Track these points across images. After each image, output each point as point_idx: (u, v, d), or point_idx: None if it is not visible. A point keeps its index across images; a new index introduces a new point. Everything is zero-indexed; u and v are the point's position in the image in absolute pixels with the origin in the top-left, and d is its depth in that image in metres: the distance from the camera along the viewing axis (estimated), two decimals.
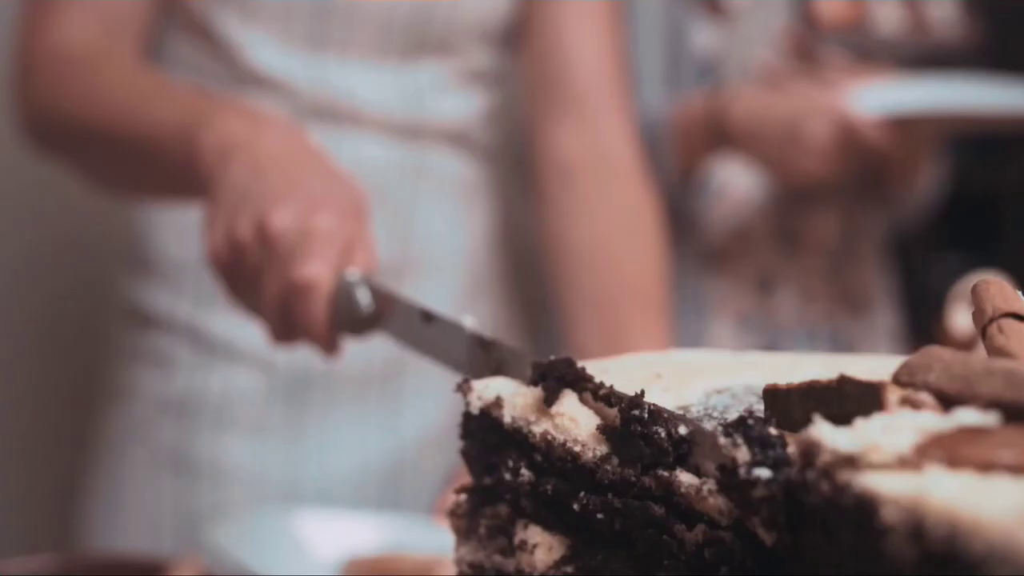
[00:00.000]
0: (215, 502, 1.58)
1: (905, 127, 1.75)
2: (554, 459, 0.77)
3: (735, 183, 1.89)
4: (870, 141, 1.72)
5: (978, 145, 2.85)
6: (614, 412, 0.75)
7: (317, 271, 1.08)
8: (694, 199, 1.90)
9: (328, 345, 1.14)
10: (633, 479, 0.72)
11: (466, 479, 0.87)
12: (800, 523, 0.61)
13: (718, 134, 1.80)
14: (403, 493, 1.63)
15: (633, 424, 0.72)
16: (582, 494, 0.75)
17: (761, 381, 0.73)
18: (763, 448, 0.64)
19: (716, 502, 0.67)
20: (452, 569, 0.87)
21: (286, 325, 1.13)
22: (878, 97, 1.74)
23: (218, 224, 1.16)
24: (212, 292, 1.47)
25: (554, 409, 0.77)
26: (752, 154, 1.81)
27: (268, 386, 1.63)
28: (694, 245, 1.90)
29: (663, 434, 0.71)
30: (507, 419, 0.79)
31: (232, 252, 1.14)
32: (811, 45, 1.92)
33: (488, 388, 0.82)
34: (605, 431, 0.74)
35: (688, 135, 1.84)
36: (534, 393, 0.80)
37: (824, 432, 0.58)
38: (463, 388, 0.83)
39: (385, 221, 1.66)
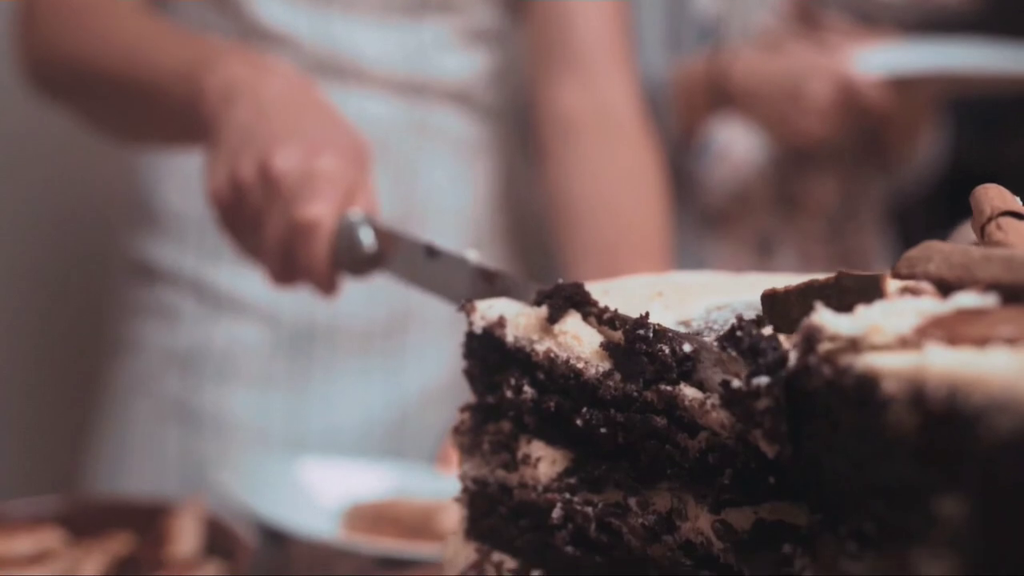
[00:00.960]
0: (219, 453, 1.59)
1: (905, 87, 1.76)
2: (556, 376, 0.78)
3: (736, 146, 1.90)
4: (870, 101, 1.73)
5: (980, 122, 2.86)
6: (619, 333, 0.76)
7: (320, 211, 1.09)
8: (695, 161, 1.90)
9: (328, 285, 1.15)
10: (635, 394, 0.73)
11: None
12: (802, 413, 0.62)
13: (719, 95, 1.81)
14: (406, 445, 1.65)
15: (638, 343, 0.73)
16: (585, 409, 0.76)
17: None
18: (755, 355, 0.65)
19: (719, 416, 0.68)
20: (453, 514, 0.88)
21: (287, 266, 1.14)
22: (879, 58, 1.75)
23: (220, 165, 1.17)
24: (217, 245, 1.49)
25: (557, 328, 0.79)
26: (753, 115, 1.81)
27: (272, 339, 1.64)
28: (694, 207, 1.91)
29: (667, 351, 0.72)
30: (510, 338, 0.80)
31: (234, 192, 1.15)
32: (812, 8, 1.92)
33: (491, 308, 0.83)
34: (608, 347, 0.75)
35: (689, 96, 1.84)
36: (537, 313, 0.81)
37: (825, 318, 0.59)
38: (466, 308, 0.84)
39: (388, 177, 1.67)
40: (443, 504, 1.22)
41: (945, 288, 0.59)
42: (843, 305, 0.61)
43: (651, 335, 0.73)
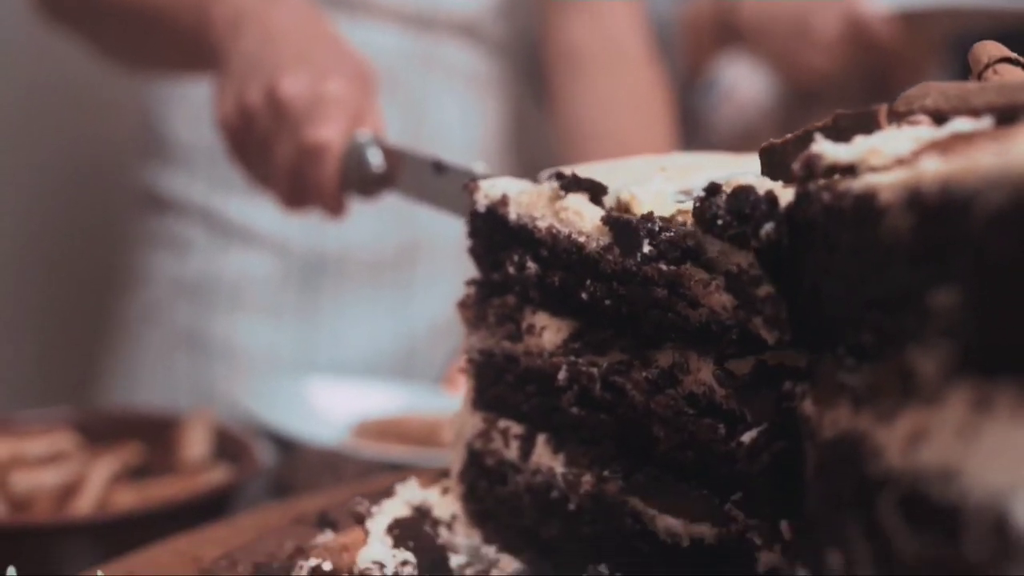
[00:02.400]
0: (228, 380, 1.61)
1: (913, 23, 1.76)
2: (559, 252, 0.79)
3: (742, 84, 1.91)
4: (878, 36, 1.74)
5: None
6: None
7: (328, 133, 1.10)
8: (701, 99, 1.91)
9: (337, 207, 1.16)
10: (634, 269, 0.74)
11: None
12: (801, 246, 0.63)
13: (727, 31, 1.81)
14: (413, 374, 1.66)
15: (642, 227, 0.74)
16: (588, 282, 0.77)
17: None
18: (742, 204, 0.66)
19: (721, 298, 0.69)
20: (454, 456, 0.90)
21: (297, 189, 1.15)
22: None
23: (228, 91, 1.18)
24: (227, 175, 1.50)
25: (559, 204, 0.80)
26: (760, 51, 1.82)
27: (282, 269, 1.65)
28: (700, 145, 1.92)
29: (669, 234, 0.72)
30: (512, 216, 0.82)
31: (242, 119, 1.16)
32: None
33: (494, 187, 0.84)
34: (608, 222, 0.75)
35: (697, 33, 1.85)
36: (540, 190, 0.82)
37: (824, 146, 0.60)
38: (469, 187, 0.85)
39: (397, 110, 1.68)
40: (448, 419, 1.23)
41: (941, 119, 0.60)
42: (841, 139, 0.62)
43: (656, 226, 0.74)
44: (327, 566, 0.74)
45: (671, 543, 0.74)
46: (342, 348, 1.68)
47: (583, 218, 0.78)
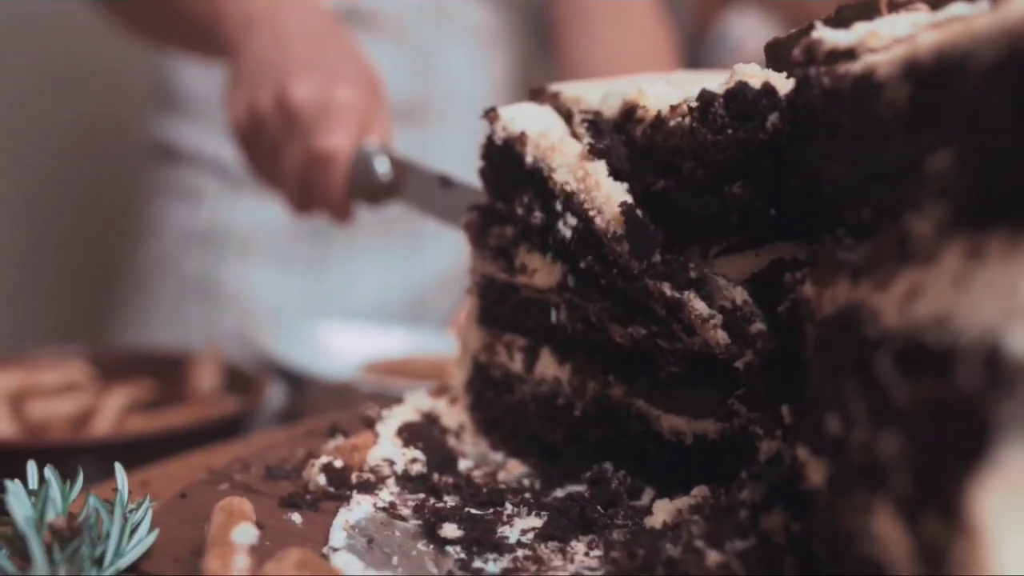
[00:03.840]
0: (240, 326, 1.62)
1: None
2: (569, 211, 0.77)
3: (752, 39, 1.91)
4: None
5: None
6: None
7: (337, 142, 1.12)
8: (710, 54, 1.92)
9: (344, 214, 1.19)
10: (636, 273, 0.73)
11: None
12: (802, 134, 0.64)
13: None
14: (422, 323, 1.67)
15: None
16: (590, 258, 0.76)
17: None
18: (740, 116, 0.67)
19: (716, 335, 0.70)
20: (460, 369, 0.91)
21: (305, 195, 1.17)
22: None
23: (239, 95, 1.20)
24: None
25: (585, 166, 0.76)
26: (770, 4, 1.82)
27: (293, 219, 1.66)
28: None
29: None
30: (529, 158, 0.79)
31: (253, 123, 1.18)
32: None
33: (514, 120, 0.81)
34: (627, 213, 0.73)
35: None
36: (564, 139, 0.78)
37: (824, 32, 0.61)
38: (490, 116, 0.83)
39: (408, 63, 1.70)
40: (454, 359, 1.24)
41: (939, 5, 0.61)
42: (842, 28, 0.63)
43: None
44: (338, 463, 0.75)
45: (676, 441, 0.75)
46: (352, 297, 1.69)
47: (601, 190, 0.75)
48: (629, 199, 0.73)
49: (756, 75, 0.67)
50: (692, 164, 0.69)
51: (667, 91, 0.79)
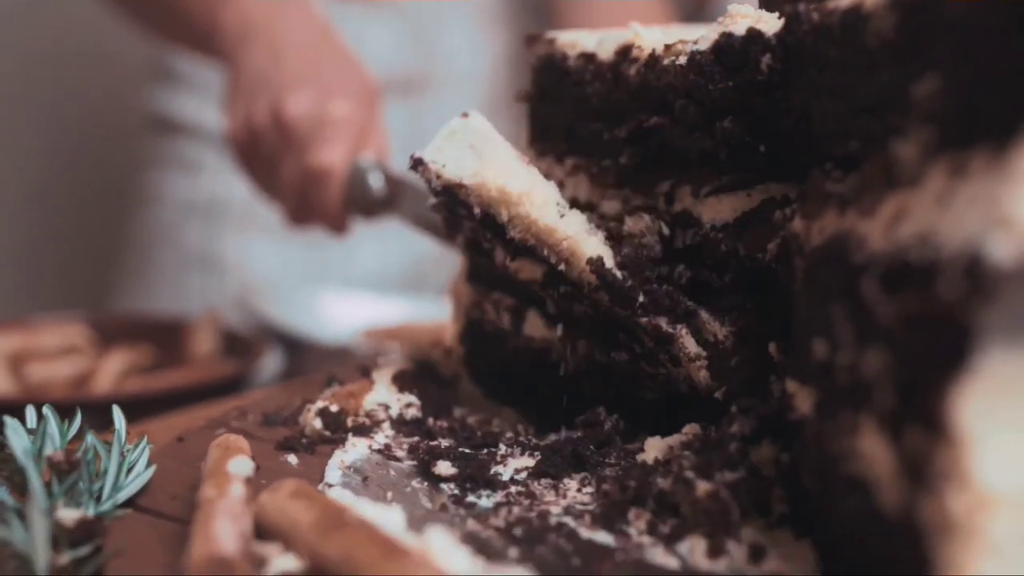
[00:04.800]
0: (239, 295, 1.63)
1: None
2: (532, 256, 0.75)
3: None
4: None
5: None
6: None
7: (332, 158, 1.13)
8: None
9: (340, 227, 1.20)
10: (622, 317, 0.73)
11: None
12: (792, 70, 0.65)
13: None
14: (420, 294, 1.68)
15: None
16: (565, 290, 0.75)
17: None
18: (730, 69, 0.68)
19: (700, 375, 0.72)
20: (454, 322, 0.91)
21: (301, 208, 1.18)
22: None
23: (237, 108, 1.20)
24: None
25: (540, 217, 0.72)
26: None
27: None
28: None
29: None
30: (476, 209, 0.73)
31: (249, 136, 1.19)
32: None
33: (446, 168, 0.73)
34: (598, 271, 0.71)
35: None
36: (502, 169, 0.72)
37: None
38: (418, 168, 0.75)
39: (408, 36, 1.70)
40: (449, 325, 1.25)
41: None
42: None
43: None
44: (334, 408, 0.76)
45: (669, 390, 0.76)
46: (351, 268, 1.69)
47: (563, 243, 0.72)
48: (596, 252, 0.71)
49: (748, 15, 0.68)
50: (684, 101, 0.69)
51: (663, 35, 0.80)
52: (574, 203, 0.80)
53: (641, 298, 0.71)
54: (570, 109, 0.80)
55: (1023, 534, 0.43)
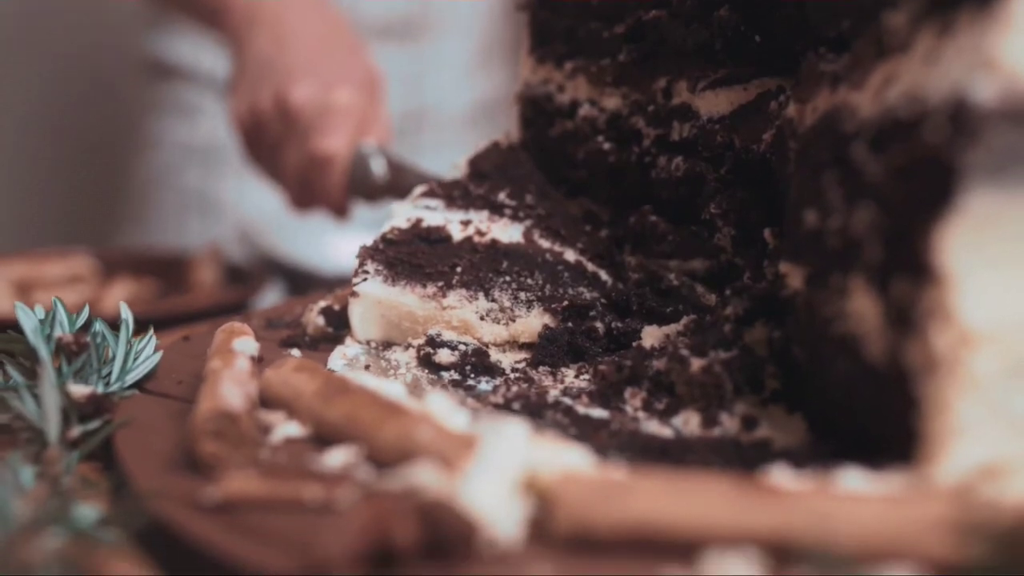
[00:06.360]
0: (241, 230, 1.64)
1: None
2: None
3: None
4: None
5: None
6: None
7: (335, 144, 1.14)
8: None
9: (342, 211, 1.22)
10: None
11: None
12: None
13: None
14: None
15: None
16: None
17: None
18: None
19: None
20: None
21: (304, 193, 1.20)
22: None
23: (242, 93, 1.22)
24: None
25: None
26: None
27: None
28: None
29: None
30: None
31: (254, 121, 1.20)
32: None
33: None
34: None
35: None
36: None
37: None
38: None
39: None
40: None
41: None
42: None
43: None
44: (336, 307, 0.77)
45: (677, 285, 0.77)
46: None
47: None
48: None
49: None
50: None
51: None
52: (574, 104, 0.81)
53: None
54: (570, 11, 0.81)
55: (1002, 369, 0.45)
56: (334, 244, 1.45)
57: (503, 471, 0.46)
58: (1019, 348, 0.44)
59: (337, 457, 0.52)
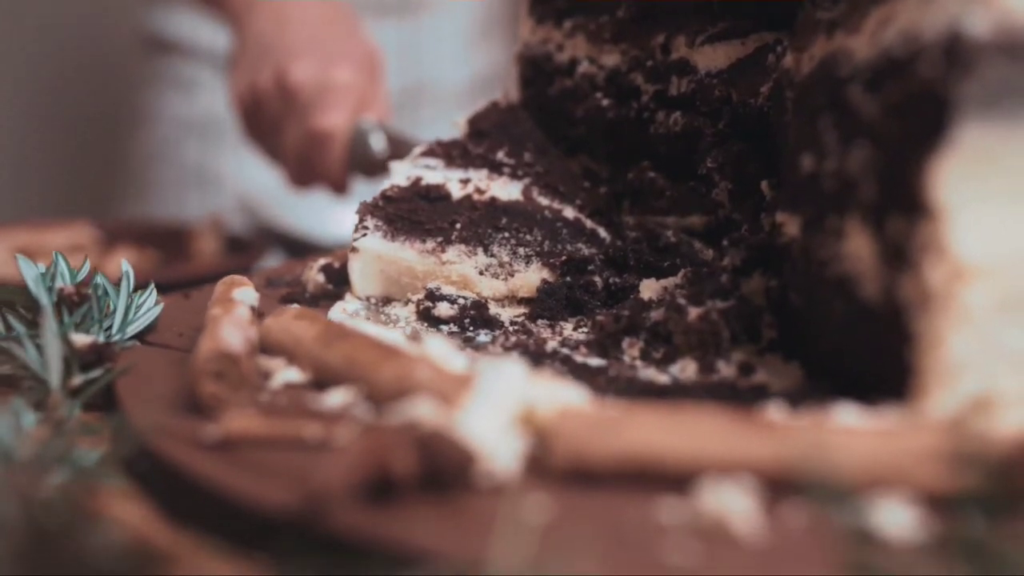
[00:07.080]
0: (241, 202, 1.64)
1: None
2: None
3: None
4: None
5: None
6: None
7: (334, 121, 1.15)
8: None
9: (342, 188, 1.22)
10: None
11: None
12: None
13: None
14: None
15: None
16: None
17: None
18: None
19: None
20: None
21: (304, 170, 1.21)
22: None
23: (242, 72, 1.23)
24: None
25: None
26: None
27: None
28: None
29: None
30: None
31: (253, 100, 1.21)
32: None
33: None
34: None
35: None
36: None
37: None
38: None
39: None
40: None
41: None
42: None
43: None
44: (336, 264, 0.78)
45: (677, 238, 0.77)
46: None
47: None
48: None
49: None
50: None
51: None
52: (573, 62, 0.82)
53: None
54: None
55: (995, 303, 0.45)
56: (335, 216, 1.45)
57: (501, 406, 0.47)
58: (1012, 282, 0.45)
59: (336, 397, 0.53)
